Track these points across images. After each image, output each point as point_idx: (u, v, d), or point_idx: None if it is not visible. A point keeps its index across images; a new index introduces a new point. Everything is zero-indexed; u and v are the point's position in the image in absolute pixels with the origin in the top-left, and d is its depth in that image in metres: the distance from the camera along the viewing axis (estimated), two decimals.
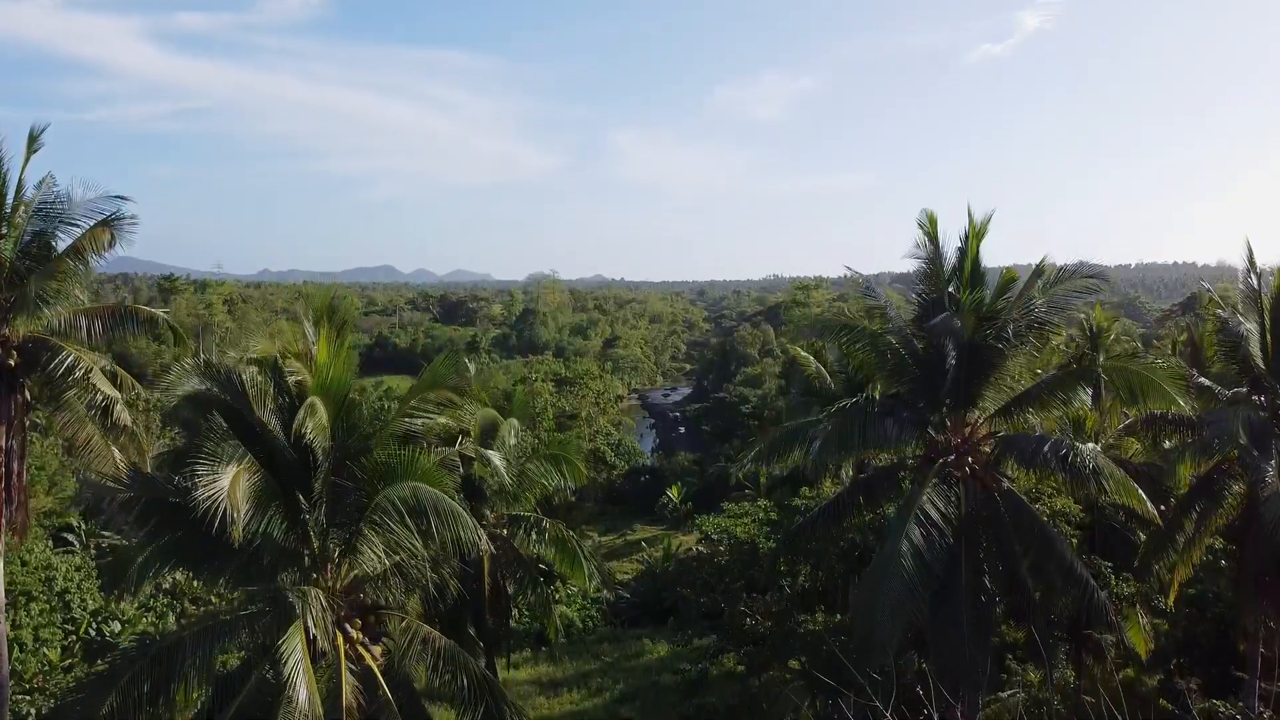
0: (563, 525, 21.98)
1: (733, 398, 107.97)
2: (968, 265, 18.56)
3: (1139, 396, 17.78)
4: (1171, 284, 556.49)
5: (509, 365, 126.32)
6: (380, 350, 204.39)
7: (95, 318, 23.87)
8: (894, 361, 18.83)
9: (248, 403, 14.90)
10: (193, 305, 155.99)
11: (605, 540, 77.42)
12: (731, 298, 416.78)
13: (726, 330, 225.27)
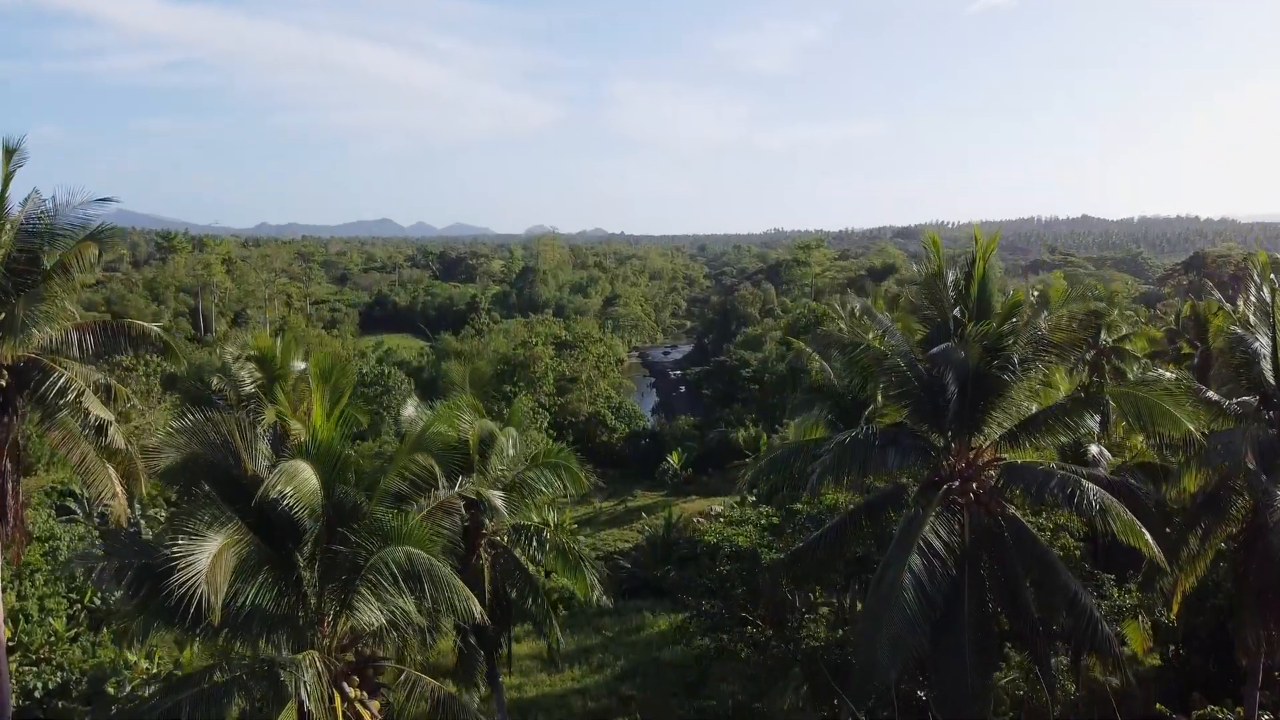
0: (563, 534, 21.86)
1: (733, 361, 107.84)
2: (974, 288, 18.24)
3: (1148, 422, 17.53)
4: (1174, 238, 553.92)
5: (508, 327, 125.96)
6: (380, 309, 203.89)
7: (87, 332, 23.48)
8: (898, 383, 18.58)
9: (240, 460, 14.67)
10: (191, 264, 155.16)
11: (605, 506, 77.64)
12: (732, 253, 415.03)
13: (727, 288, 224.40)
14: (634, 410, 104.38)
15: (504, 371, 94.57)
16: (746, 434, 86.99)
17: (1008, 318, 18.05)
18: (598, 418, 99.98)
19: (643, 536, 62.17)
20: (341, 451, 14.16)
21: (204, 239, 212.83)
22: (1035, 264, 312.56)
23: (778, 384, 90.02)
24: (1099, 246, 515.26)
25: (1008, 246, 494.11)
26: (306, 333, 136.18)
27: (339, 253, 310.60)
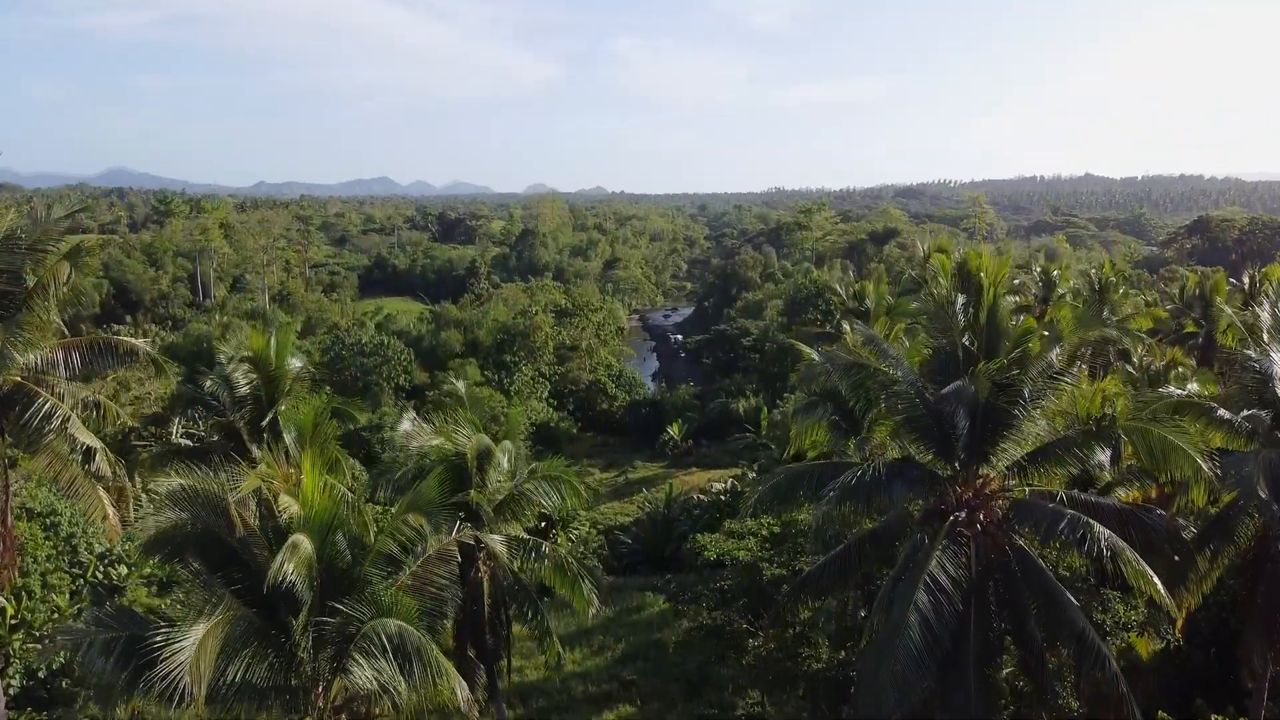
0: (562, 549, 21.67)
1: (734, 330, 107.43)
2: (983, 315, 17.82)
3: (1160, 460, 17.23)
4: (1177, 198, 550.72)
5: (508, 294, 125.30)
6: (379, 272, 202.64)
7: (74, 351, 23.03)
8: (905, 410, 18.26)
9: (230, 522, 14.38)
10: (189, 229, 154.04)
11: (605, 478, 77.64)
12: (733, 213, 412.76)
13: (728, 251, 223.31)
14: (634, 378, 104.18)
15: (504, 341, 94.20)
16: (747, 404, 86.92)
17: (1018, 345, 17.67)
18: (598, 386, 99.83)
19: (643, 512, 62.14)
20: (334, 518, 13.91)
21: (201, 201, 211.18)
22: (1038, 225, 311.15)
23: (778, 353, 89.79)
24: (1102, 206, 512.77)
25: (1010, 206, 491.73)
26: (305, 298, 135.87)
27: (337, 214, 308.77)
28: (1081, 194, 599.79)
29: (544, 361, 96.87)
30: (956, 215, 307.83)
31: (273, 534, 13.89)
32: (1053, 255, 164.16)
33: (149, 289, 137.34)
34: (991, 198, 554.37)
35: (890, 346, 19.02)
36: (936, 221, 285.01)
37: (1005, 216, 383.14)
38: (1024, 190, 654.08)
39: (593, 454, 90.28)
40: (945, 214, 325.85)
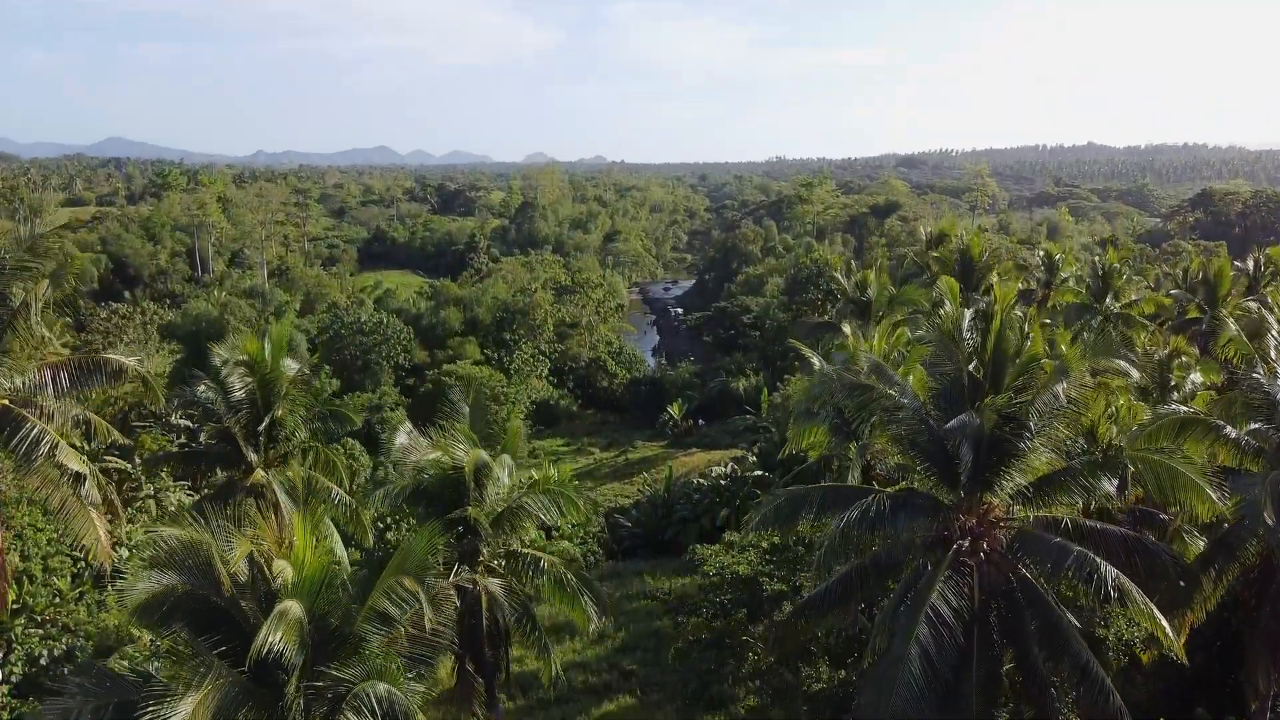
0: (560, 565, 21.51)
1: (734, 307, 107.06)
2: (989, 345, 17.51)
3: (1168, 491, 17.01)
4: (1181, 167, 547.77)
5: (507, 270, 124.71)
6: (378, 245, 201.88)
7: (61, 370, 22.65)
8: (908, 436, 18.03)
9: (219, 586, 14.16)
10: (186, 204, 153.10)
11: (605, 457, 77.59)
12: (734, 183, 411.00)
13: (728, 223, 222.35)
14: (635, 355, 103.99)
15: (503, 319, 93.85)
16: (747, 383, 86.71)
17: (1023, 372, 17.40)
18: (598, 363, 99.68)
19: (643, 494, 62.16)
20: (325, 579, 13.70)
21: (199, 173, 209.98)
22: (1040, 196, 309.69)
23: (779, 332, 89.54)
24: (1104, 176, 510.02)
25: (1011, 177, 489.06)
26: (304, 273, 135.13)
27: (336, 185, 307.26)
28: (1084, 163, 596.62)
29: (544, 339, 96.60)
30: (958, 186, 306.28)
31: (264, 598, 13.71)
32: (1054, 229, 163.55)
33: (147, 264, 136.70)
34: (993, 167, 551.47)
35: (895, 372, 18.73)
36: (938, 193, 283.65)
37: (1007, 187, 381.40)
38: (1026, 160, 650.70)
39: (593, 431, 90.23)
40: (947, 184, 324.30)
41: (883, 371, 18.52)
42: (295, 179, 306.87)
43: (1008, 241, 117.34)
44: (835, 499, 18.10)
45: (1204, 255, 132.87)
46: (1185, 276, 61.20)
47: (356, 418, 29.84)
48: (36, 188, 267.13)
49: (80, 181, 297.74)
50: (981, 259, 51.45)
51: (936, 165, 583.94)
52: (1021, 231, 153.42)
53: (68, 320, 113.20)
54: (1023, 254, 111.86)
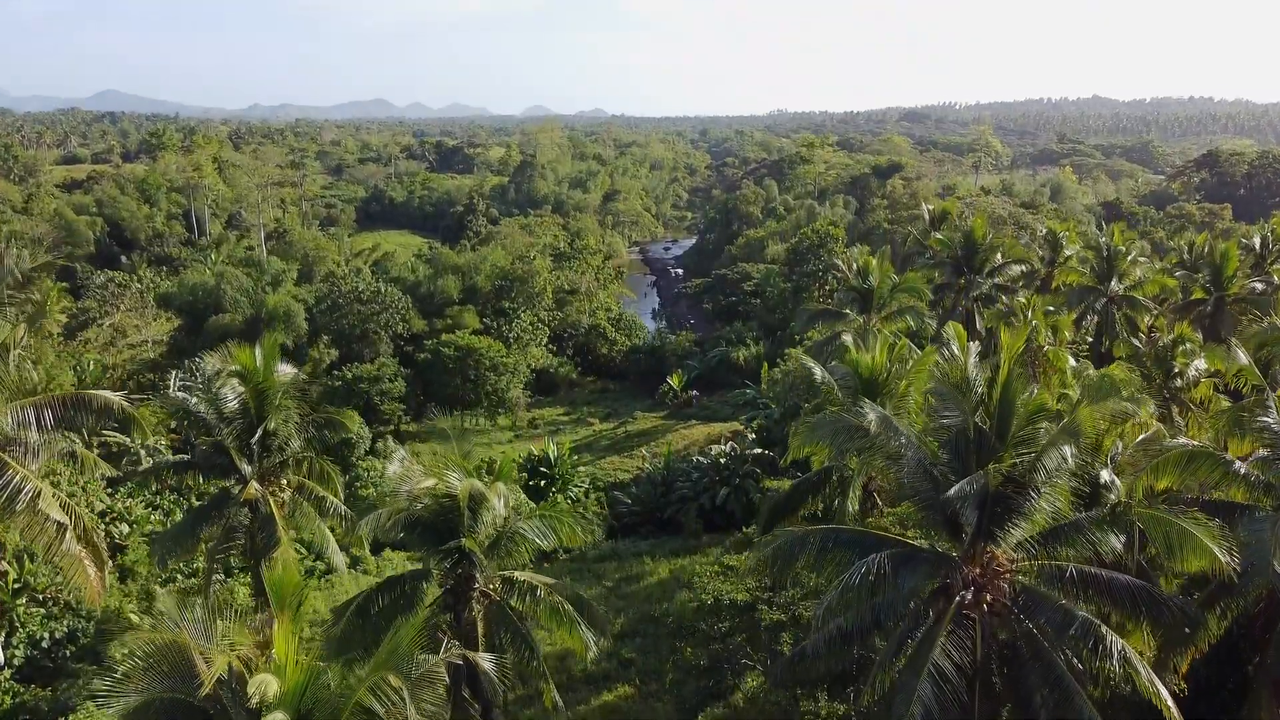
0: (557, 593, 21.30)
1: (735, 274, 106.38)
2: (995, 395, 17.09)
3: (1177, 550, 16.69)
4: (1185, 122, 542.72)
5: (506, 231, 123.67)
6: (377, 204, 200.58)
7: (45, 409, 22.20)
8: (910, 487, 17.72)
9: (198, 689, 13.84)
10: (181, 165, 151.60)
11: (604, 429, 77.45)
12: (734, 138, 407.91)
13: (729, 182, 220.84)
14: (634, 321, 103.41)
15: (502, 287, 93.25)
16: (748, 353, 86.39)
17: (1030, 420, 17.04)
18: (598, 330, 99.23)
19: (643, 471, 62.08)
20: (309, 684, 13.44)
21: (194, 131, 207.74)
22: (1044, 153, 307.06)
23: (779, 300, 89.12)
24: (1109, 131, 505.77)
25: (1015, 131, 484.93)
26: (302, 234, 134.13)
27: (333, 142, 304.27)
28: (1088, 117, 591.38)
29: (543, 307, 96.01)
30: (961, 142, 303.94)
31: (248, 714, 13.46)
32: (1057, 190, 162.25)
33: (144, 227, 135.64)
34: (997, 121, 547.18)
35: (901, 424, 18.36)
36: (941, 149, 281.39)
37: (1011, 143, 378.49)
38: (1030, 113, 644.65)
39: (592, 400, 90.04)
40: (950, 140, 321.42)
41: (888, 424, 18.16)
42: (292, 136, 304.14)
43: (1011, 205, 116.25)
44: (834, 539, 17.85)
45: (1208, 218, 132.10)
46: (1190, 251, 60.59)
47: (352, 425, 29.54)
48: (31, 144, 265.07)
49: (75, 138, 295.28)
50: (984, 240, 50.91)
51: (940, 119, 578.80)
52: (1025, 193, 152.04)
53: (65, 286, 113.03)
54: (1026, 219, 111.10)
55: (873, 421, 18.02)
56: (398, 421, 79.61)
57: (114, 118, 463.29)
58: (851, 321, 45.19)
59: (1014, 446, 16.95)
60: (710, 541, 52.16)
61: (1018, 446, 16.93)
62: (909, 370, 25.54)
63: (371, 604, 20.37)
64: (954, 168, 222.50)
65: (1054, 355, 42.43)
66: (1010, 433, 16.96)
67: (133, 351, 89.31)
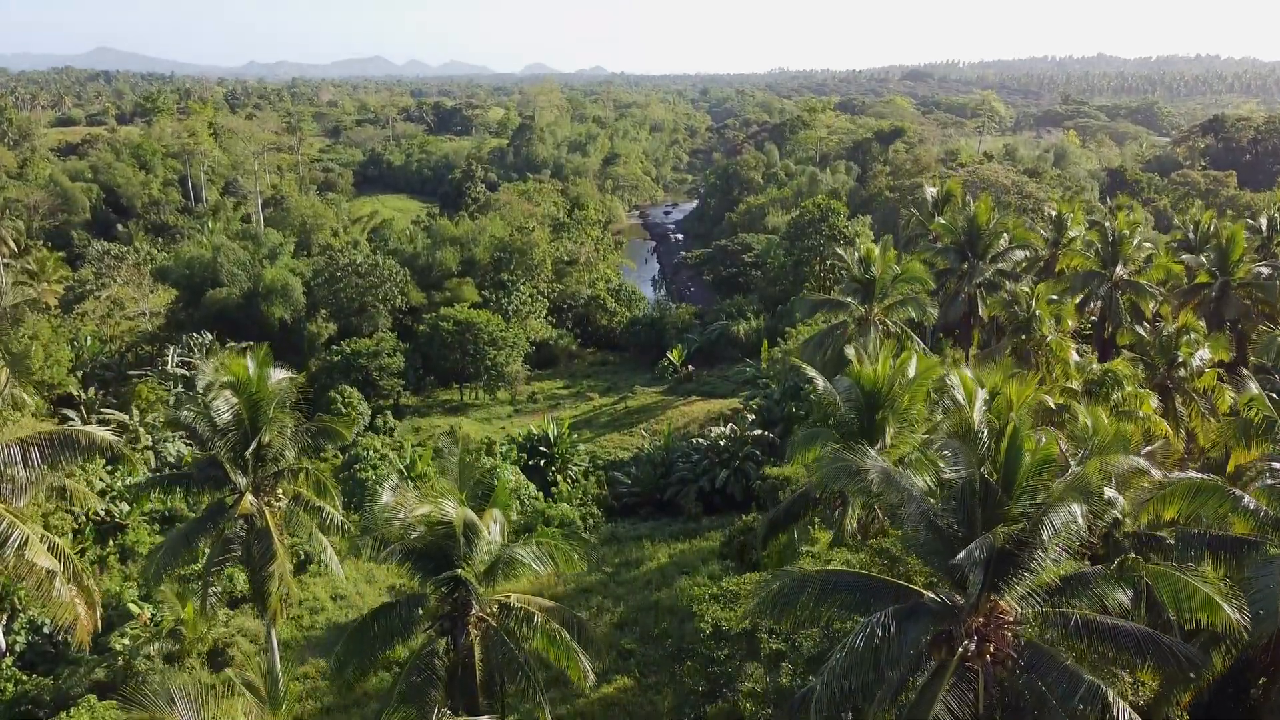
0: (554, 621, 21.10)
1: (735, 245, 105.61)
2: (1002, 449, 16.72)
3: (1184, 606, 16.41)
4: (1192, 81, 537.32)
5: (504, 198, 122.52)
6: (374, 168, 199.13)
7: (32, 447, 21.78)
8: (913, 534, 17.44)
9: None
10: (176, 131, 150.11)
11: (604, 404, 77.22)
12: (735, 98, 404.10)
13: (730, 146, 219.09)
14: (634, 292, 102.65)
15: (501, 259, 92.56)
16: (748, 327, 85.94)
17: (1038, 471, 16.73)
18: (597, 301, 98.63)
19: (643, 450, 61.91)
20: None
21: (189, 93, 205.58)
22: (1048, 114, 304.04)
23: (780, 271, 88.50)
24: (1114, 91, 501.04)
25: (1019, 91, 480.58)
26: (300, 202, 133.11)
27: (330, 103, 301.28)
28: (1093, 76, 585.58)
29: (542, 279, 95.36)
30: (965, 104, 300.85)
31: None
32: (1061, 155, 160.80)
33: (139, 194, 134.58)
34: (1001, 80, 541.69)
35: (906, 479, 18.03)
36: (944, 110, 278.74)
37: (1014, 103, 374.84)
38: (1034, 72, 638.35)
39: (591, 373, 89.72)
40: (953, 102, 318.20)
41: (889, 479, 17.84)
42: (289, 98, 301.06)
43: (1014, 174, 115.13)
44: (836, 586, 17.62)
45: (1213, 185, 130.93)
46: (1195, 230, 59.98)
47: (347, 433, 29.22)
48: (25, 106, 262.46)
49: (69, 99, 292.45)
50: (988, 225, 50.29)
51: (943, 78, 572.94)
52: (1028, 159, 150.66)
53: (61, 256, 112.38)
54: (1029, 187, 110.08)
55: (875, 480, 17.74)
56: (397, 396, 79.46)
57: (108, 77, 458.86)
58: (853, 311, 44.78)
59: (1020, 497, 16.69)
60: (710, 525, 52.17)
61: (1024, 497, 16.67)
62: (912, 383, 25.21)
63: (367, 630, 20.25)
64: (957, 131, 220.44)
65: (1057, 345, 42.13)
66: (1016, 484, 16.66)
67: (130, 324, 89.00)
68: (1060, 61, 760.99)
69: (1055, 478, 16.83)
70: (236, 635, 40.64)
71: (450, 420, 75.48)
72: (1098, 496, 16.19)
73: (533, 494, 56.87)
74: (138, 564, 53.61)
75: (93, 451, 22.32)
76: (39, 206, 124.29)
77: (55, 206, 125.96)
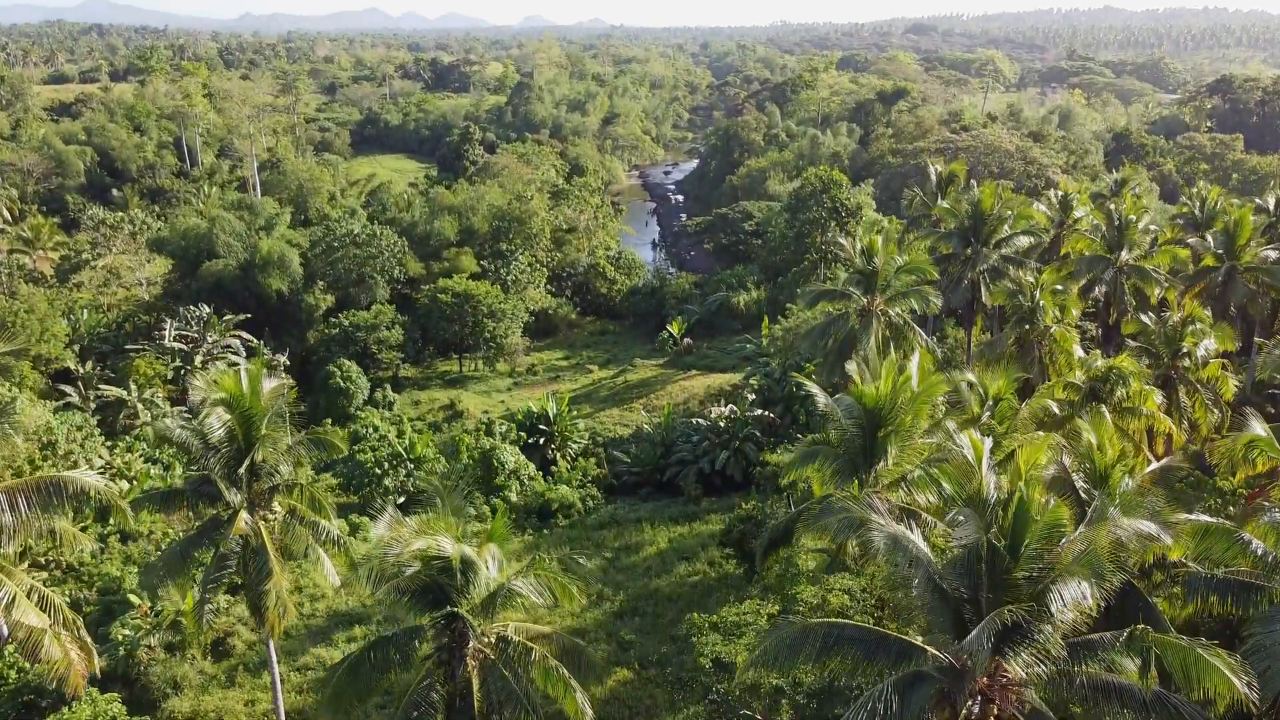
0: (553, 655, 20.89)
1: (736, 213, 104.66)
2: (1009, 517, 16.34)
3: (1193, 676, 16.10)
4: (1199, 34, 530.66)
5: (503, 162, 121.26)
6: (371, 127, 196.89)
7: (19, 495, 21.31)
8: (920, 598, 17.14)
9: None
10: (170, 92, 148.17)
11: (603, 376, 76.95)
12: (736, 52, 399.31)
13: (731, 104, 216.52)
14: (634, 260, 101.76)
15: (499, 228, 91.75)
16: (748, 298, 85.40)
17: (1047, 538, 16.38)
18: (597, 269, 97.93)
19: (643, 429, 61.66)
20: None
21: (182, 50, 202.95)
22: (1053, 71, 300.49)
23: (781, 242, 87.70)
24: (1120, 44, 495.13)
25: (1024, 45, 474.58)
26: (296, 165, 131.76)
27: (326, 58, 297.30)
28: (1099, 29, 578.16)
29: (541, 248, 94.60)
30: (969, 60, 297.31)
31: None
32: (1066, 116, 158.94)
33: (134, 157, 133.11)
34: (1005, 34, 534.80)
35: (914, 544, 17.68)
36: (948, 67, 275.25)
37: (1019, 57, 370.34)
38: (1040, 25, 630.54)
39: (591, 343, 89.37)
40: (957, 57, 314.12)
41: (897, 545, 17.49)
42: (284, 54, 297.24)
43: (1017, 138, 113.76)
44: (839, 639, 17.39)
45: (1219, 149, 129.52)
46: (1201, 207, 59.21)
47: (343, 445, 28.87)
48: (17, 62, 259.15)
49: (62, 55, 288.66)
50: (993, 211, 49.54)
51: (947, 31, 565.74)
52: (1033, 120, 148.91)
53: (56, 221, 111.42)
54: (1034, 153, 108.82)
55: (881, 546, 17.44)
56: (396, 368, 79.18)
57: (101, 30, 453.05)
58: (855, 302, 44.28)
59: (1027, 562, 16.41)
60: (710, 508, 52.09)
61: (1030, 562, 16.39)
62: (915, 401, 24.87)
63: (363, 664, 20.10)
64: (961, 89, 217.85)
65: (1061, 336, 41.76)
66: (1023, 551, 16.36)
67: (127, 293, 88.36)
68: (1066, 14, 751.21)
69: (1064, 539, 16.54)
70: (237, 624, 40.76)
71: (449, 394, 75.30)
72: (1110, 575, 15.93)
73: (532, 474, 56.82)
74: (139, 545, 53.62)
75: (82, 499, 21.97)
76: (33, 170, 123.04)
77: (49, 170, 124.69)
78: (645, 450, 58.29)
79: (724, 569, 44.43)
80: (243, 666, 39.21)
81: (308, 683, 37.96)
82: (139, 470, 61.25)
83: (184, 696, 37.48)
